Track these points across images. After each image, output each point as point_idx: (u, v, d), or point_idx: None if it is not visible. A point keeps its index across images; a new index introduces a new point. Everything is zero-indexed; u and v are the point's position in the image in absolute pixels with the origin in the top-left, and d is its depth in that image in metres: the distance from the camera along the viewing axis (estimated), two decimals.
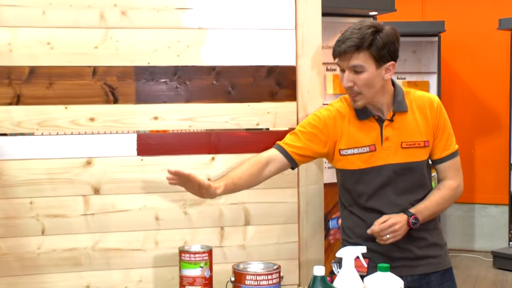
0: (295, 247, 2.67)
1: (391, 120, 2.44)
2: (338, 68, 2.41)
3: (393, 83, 2.47)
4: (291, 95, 2.65)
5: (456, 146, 2.55)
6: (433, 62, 6.69)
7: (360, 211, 2.49)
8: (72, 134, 2.49)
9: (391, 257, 2.45)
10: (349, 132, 2.45)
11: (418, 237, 2.47)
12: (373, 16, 4.97)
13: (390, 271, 2.19)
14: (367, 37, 2.30)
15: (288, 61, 2.65)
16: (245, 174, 2.39)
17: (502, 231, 6.87)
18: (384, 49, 2.33)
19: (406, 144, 2.44)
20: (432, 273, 2.52)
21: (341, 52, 2.32)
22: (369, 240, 2.43)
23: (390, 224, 2.36)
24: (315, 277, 2.01)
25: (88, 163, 2.49)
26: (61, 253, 2.47)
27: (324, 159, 2.60)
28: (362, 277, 2.11)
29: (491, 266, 6.55)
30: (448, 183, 2.53)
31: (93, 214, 2.50)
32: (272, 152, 2.45)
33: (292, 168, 2.49)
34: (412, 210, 2.42)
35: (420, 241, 2.49)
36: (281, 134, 2.62)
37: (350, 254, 2.07)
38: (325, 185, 2.80)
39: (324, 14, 2.72)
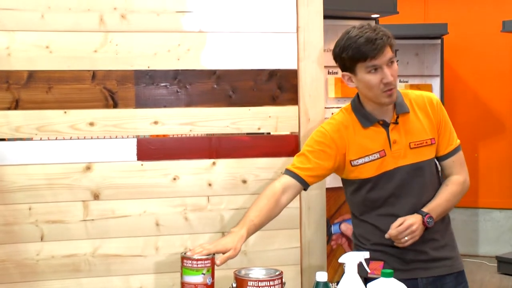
0: (297, 252, 2.66)
1: (396, 122, 2.45)
2: (361, 76, 2.39)
3: None
4: (293, 99, 2.65)
5: (458, 141, 2.56)
6: (436, 65, 6.70)
7: (374, 218, 2.50)
8: (71, 139, 2.49)
9: (405, 259, 2.46)
10: (356, 141, 2.46)
11: (431, 238, 2.48)
12: (375, 19, 4.98)
13: (406, 274, 2.19)
14: (386, 31, 2.37)
15: (290, 65, 2.65)
16: (263, 210, 2.39)
17: (507, 235, 6.86)
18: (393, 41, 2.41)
19: (414, 144, 2.46)
20: (447, 275, 2.53)
21: (379, 49, 2.33)
22: (384, 245, 2.45)
23: (407, 226, 2.37)
24: (317, 283, 2.01)
25: (88, 168, 2.49)
26: (60, 259, 2.47)
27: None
28: (373, 279, 2.10)
29: (495, 271, 6.54)
30: (455, 178, 2.54)
31: (92, 220, 2.49)
32: (285, 180, 2.45)
33: (305, 189, 2.50)
34: (424, 209, 2.43)
35: (434, 242, 2.49)
36: (283, 139, 2.63)
37: (353, 259, 2.06)
38: (327, 189, 2.80)
39: (325, 17, 2.72)
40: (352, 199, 2.56)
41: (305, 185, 2.47)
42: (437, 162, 2.56)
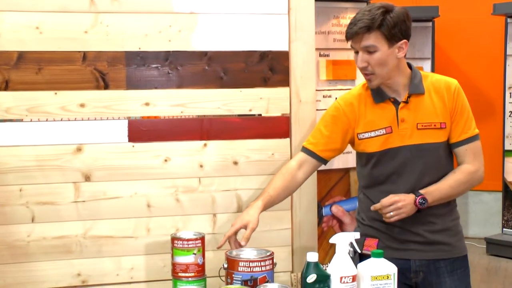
0: (288, 234, 2.67)
1: (406, 102, 2.47)
2: (352, 52, 2.46)
3: (410, 66, 2.52)
4: (284, 81, 2.65)
5: (477, 131, 2.55)
6: (427, 48, 6.69)
7: (375, 194, 2.52)
8: (62, 120, 2.48)
9: (400, 239, 2.48)
10: (365, 115, 2.50)
11: (429, 221, 2.49)
12: (367, 1, 4.96)
13: (399, 253, 2.21)
14: (377, 17, 2.35)
15: (281, 46, 2.64)
16: (279, 184, 2.48)
17: (496, 217, 6.90)
18: (395, 28, 2.37)
19: (422, 125, 2.47)
20: (441, 260, 2.54)
21: (353, 33, 2.38)
22: (381, 222, 2.47)
23: (393, 202, 2.39)
24: (308, 263, 2.02)
25: (79, 149, 2.48)
26: (51, 241, 2.47)
27: None
28: (369, 256, 2.13)
29: (484, 253, 6.59)
30: (465, 167, 2.53)
31: (84, 201, 2.49)
32: (300, 156, 2.53)
33: (324, 164, 2.56)
34: (422, 191, 2.44)
35: (431, 225, 2.50)
36: (274, 120, 2.63)
37: (343, 240, 2.08)
38: (318, 172, 2.80)
39: None
40: (360, 170, 2.61)
41: (320, 160, 2.53)
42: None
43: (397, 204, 2.39)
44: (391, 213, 2.39)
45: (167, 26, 2.53)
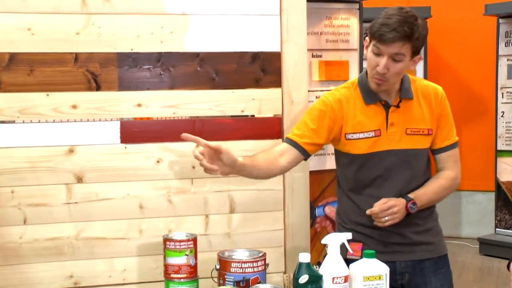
0: (281, 235, 2.68)
1: (398, 106, 2.46)
2: (368, 50, 2.39)
3: None
4: (276, 82, 2.66)
5: (457, 138, 2.59)
6: None
7: (359, 197, 2.52)
8: (54, 121, 2.48)
9: (386, 242, 2.49)
10: (355, 116, 2.47)
11: (413, 222, 2.50)
12: (359, 2, 4.97)
13: (384, 256, 2.21)
14: (416, 29, 2.31)
15: (273, 47, 2.65)
16: (261, 158, 2.41)
17: (489, 217, 6.93)
18: (422, 43, 2.37)
19: (411, 131, 2.47)
20: (426, 260, 2.55)
21: (392, 40, 2.30)
22: (365, 226, 2.47)
23: (389, 206, 2.39)
24: (300, 264, 2.03)
25: (71, 151, 2.48)
26: (43, 242, 2.47)
27: None
28: (354, 261, 2.13)
29: (477, 253, 6.62)
30: (447, 173, 2.56)
31: (76, 202, 2.49)
32: (283, 146, 2.47)
33: (305, 159, 2.50)
34: (410, 195, 2.45)
35: (416, 227, 2.52)
36: (266, 121, 2.64)
37: (336, 240, 2.08)
38: (311, 173, 2.81)
39: (307, 0, 2.72)
40: (343, 172, 2.58)
41: (303, 152, 2.46)
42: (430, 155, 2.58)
43: (393, 209, 2.40)
44: (386, 218, 2.40)
45: (159, 27, 2.53)
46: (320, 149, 2.55)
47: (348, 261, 2.15)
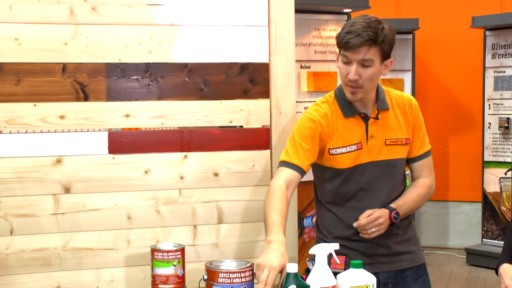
0: None
1: (376, 118, 2.46)
2: (339, 60, 2.40)
3: None
4: (264, 92, 2.66)
5: (429, 146, 2.61)
6: (408, 60, 6.76)
7: (341, 210, 2.51)
8: (41, 132, 2.46)
9: (368, 254, 2.48)
10: (337, 130, 2.47)
11: (393, 233, 2.51)
12: (348, 13, 5.00)
13: (367, 268, 2.21)
14: (380, 32, 2.33)
15: (261, 58, 2.65)
16: (283, 210, 2.30)
17: (476, 228, 6.95)
18: (390, 46, 2.38)
19: (390, 141, 2.48)
20: (407, 269, 2.56)
21: (355, 45, 2.31)
22: (347, 240, 2.47)
23: (376, 217, 2.40)
24: (288, 274, 2.02)
25: (58, 161, 2.47)
26: (30, 253, 2.45)
27: None
28: (337, 274, 2.12)
29: (464, 263, 6.63)
30: (423, 181, 2.58)
31: (63, 213, 2.47)
32: (286, 174, 2.39)
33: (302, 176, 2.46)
34: (392, 205, 2.46)
35: (396, 237, 2.53)
36: (254, 132, 2.63)
37: (323, 250, 2.08)
38: (299, 183, 2.80)
39: (297, 11, 2.73)
40: (323, 186, 2.56)
41: (303, 173, 2.43)
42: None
43: (379, 220, 2.41)
44: (373, 229, 2.40)
45: (148, 38, 2.53)
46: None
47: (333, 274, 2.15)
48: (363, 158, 2.46)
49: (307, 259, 2.21)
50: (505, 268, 2.37)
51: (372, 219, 2.39)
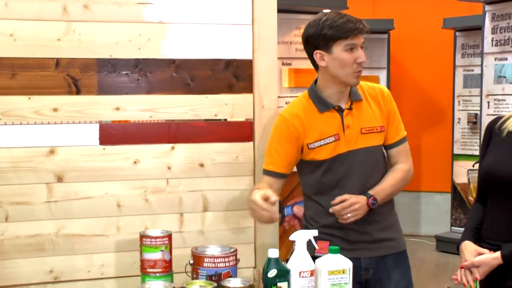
0: (251, 232, 2.67)
1: (350, 108, 2.48)
2: (337, 52, 2.43)
3: None
4: (248, 88, 2.65)
5: (405, 132, 2.62)
6: (383, 58, 6.78)
7: (324, 198, 2.52)
8: (35, 124, 2.44)
9: (350, 240, 2.49)
10: (313, 125, 2.48)
11: (375, 220, 2.51)
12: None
13: (349, 253, 2.23)
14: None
15: (245, 55, 2.64)
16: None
17: (445, 217, 7.01)
18: None
19: (365, 130, 2.49)
20: (388, 255, 2.57)
21: (360, 30, 2.40)
22: (331, 227, 2.48)
23: (351, 203, 2.40)
24: (269, 259, 2.03)
25: (52, 152, 2.45)
26: (24, 239, 2.43)
27: None
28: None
29: (434, 250, 6.69)
30: (400, 166, 2.59)
31: (56, 201, 2.46)
32: (267, 180, 2.50)
33: (286, 178, 2.54)
34: (370, 191, 2.47)
35: (377, 224, 2.53)
36: (238, 125, 2.64)
37: (302, 237, 2.09)
38: None
39: (279, 10, 2.72)
40: (306, 179, 2.57)
41: (284, 176, 2.52)
42: (384, 151, 2.60)
43: (355, 206, 2.41)
44: (349, 215, 2.41)
45: (137, 35, 2.52)
46: (297, 162, 2.56)
47: (315, 258, 2.16)
48: (341, 148, 2.47)
49: (313, 236, 2.21)
50: (466, 244, 2.40)
51: (347, 205, 2.39)
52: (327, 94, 2.48)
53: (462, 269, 2.36)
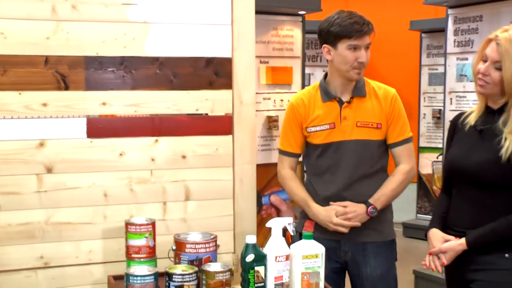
0: (231, 220, 2.67)
1: (349, 102, 2.52)
2: (341, 50, 2.50)
3: None
4: (227, 84, 2.64)
5: (410, 134, 2.63)
6: None
7: (318, 182, 2.60)
8: (26, 118, 2.41)
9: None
10: (314, 112, 2.56)
11: None
12: (302, 15, 4.99)
13: (331, 236, 2.27)
14: (370, 23, 2.53)
15: (225, 53, 2.63)
16: (300, 184, 2.67)
17: (411, 205, 7.07)
18: None
19: (361, 123, 2.52)
20: (369, 243, 2.58)
21: (368, 32, 2.49)
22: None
23: (345, 212, 2.49)
24: (247, 245, 2.03)
25: (41, 144, 2.42)
26: (16, 227, 2.40)
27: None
28: (305, 236, 2.20)
29: (401, 235, 6.74)
30: (401, 167, 2.59)
31: (46, 191, 2.43)
32: (288, 162, 2.68)
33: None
34: (370, 200, 2.49)
35: None
36: (218, 119, 2.63)
37: (278, 224, 2.09)
38: (258, 166, 2.82)
39: (257, 12, 2.71)
40: (308, 161, 2.69)
41: (297, 155, 2.67)
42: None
43: (348, 215, 2.45)
44: (337, 219, 2.51)
45: (123, 34, 2.49)
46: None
47: (302, 235, 2.24)
48: (336, 137, 2.52)
49: (288, 223, 2.25)
50: (433, 232, 2.42)
51: (341, 212, 2.51)
52: (332, 86, 2.55)
53: (430, 255, 2.38)
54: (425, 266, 2.38)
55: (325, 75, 2.62)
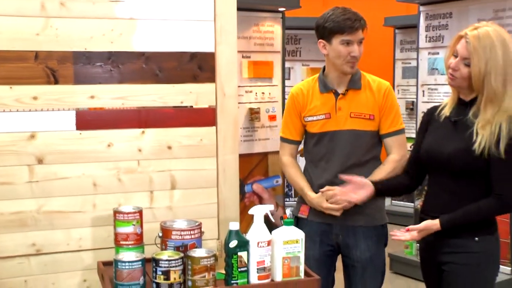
0: (215, 207, 2.66)
1: (344, 94, 2.54)
2: (335, 44, 2.53)
3: None
4: (211, 78, 2.63)
5: (402, 126, 2.66)
6: None
7: (314, 169, 2.64)
8: (17, 111, 2.38)
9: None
10: (312, 102, 2.60)
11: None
12: (282, 12, 4.98)
13: (324, 219, 2.30)
14: (363, 18, 2.56)
15: (208, 48, 2.61)
16: (299, 171, 2.70)
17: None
18: None
19: (354, 114, 2.55)
20: (359, 226, 2.60)
21: (360, 27, 2.51)
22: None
23: (334, 194, 2.52)
24: (230, 231, 2.03)
25: (32, 136, 2.39)
26: (8, 216, 2.38)
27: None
28: (303, 219, 2.21)
29: None
30: (391, 157, 2.62)
31: (37, 181, 2.41)
32: (288, 149, 2.71)
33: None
34: None
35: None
36: (202, 111, 2.62)
37: (260, 211, 2.09)
38: (241, 155, 2.81)
39: (239, 8, 2.69)
40: (306, 149, 2.72)
41: (298, 142, 2.71)
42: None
43: (336, 197, 2.46)
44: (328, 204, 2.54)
45: (110, 30, 2.47)
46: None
47: (299, 219, 2.25)
48: (331, 126, 2.54)
49: (287, 209, 2.28)
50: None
51: (330, 195, 2.54)
52: (329, 78, 2.57)
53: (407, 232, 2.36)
54: (395, 236, 2.37)
55: (324, 68, 2.67)
